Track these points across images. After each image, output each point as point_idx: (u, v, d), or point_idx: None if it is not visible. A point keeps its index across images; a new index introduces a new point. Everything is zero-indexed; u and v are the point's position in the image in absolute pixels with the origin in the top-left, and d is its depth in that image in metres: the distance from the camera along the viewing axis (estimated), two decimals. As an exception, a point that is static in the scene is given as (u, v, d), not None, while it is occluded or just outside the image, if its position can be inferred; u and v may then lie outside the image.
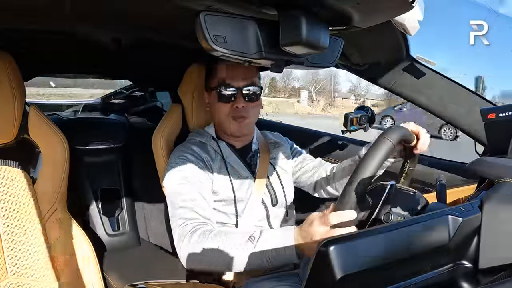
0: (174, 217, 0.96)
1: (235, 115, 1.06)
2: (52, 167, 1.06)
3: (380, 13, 0.75)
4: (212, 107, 1.11)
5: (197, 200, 0.97)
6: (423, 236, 0.56)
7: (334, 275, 0.47)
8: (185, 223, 0.93)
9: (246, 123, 1.09)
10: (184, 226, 0.92)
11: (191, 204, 0.96)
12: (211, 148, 1.09)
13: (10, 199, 1.00)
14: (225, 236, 0.85)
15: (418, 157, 0.97)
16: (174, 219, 0.96)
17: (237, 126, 1.08)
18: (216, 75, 1.08)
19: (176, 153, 1.07)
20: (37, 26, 1.03)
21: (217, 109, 1.08)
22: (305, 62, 0.81)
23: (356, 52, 1.19)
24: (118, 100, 2.49)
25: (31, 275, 0.99)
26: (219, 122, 1.10)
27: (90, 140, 1.61)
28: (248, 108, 1.07)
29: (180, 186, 0.99)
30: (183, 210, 0.95)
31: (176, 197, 0.98)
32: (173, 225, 0.96)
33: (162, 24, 1.06)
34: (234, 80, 1.05)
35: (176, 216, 0.96)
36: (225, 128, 1.10)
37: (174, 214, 0.97)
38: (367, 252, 0.51)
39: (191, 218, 0.94)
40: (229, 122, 1.08)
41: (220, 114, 1.08)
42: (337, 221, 0.73)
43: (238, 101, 1.05)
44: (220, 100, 1.06)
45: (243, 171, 1.10)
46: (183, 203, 0.96)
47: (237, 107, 1.05)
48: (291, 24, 0.67)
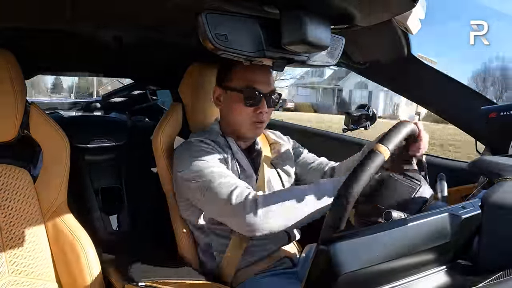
0: (219, 190, 0.91)
1: (256, 120, 1.05)
2: (53, 165, 1.06)
3: (381, 11, 0.75)
4: (228, 106, 1.08)
5: (233, 175, 0.96)
6: (423, 234, 0.56)
7: (334, 273, 0.47)
8: (237, 189, 0.90)
9: (262, 128, 1.09)
10: (237, 194, 0.89)
11: (230, 177, 0.94)
12: (221, 145, 1.08)
13: (10, 197, 1.00)
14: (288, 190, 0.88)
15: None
16: (219, 193, 0.91)
17: (255, 130, 1.07)
18: (243, 76, 1.04)
19: (189, 144, 1.05)
20: (38, 25, 1.04)
21: (236, 111, 1.05)
22: (307, 60, 0.81)
23: (357, 51, 1.19)
24: (119, 99, 2.50)
25: (31, 274, 0.99)
26: (235, 123, 1.08)
27: (91, 138, 1.61)
28: (268, 113, 1.08)
29: (211, 172, 0.95)
30: (225, 183, 0.92)
31: (212, 181, 0.93)
32: (220, 199, 0.91)
33: (164, 23, 1.06)
34: (262, 85, 1.04)
35: (221, 189, 0.91)
36: (240, 130, 1.08)
37: (219, 190, 0.91)
38: (367, 250, 0.51)
39: (236, 183, 0.91)
40: (247, 126, 1.06)
41: (240, 116, 1.05)
42: None
43: (263, 106, 1.04)
44: (246, 103, 1.03)
45: (249, 169, 1.10)
46: (223, 178, 0.93)
47: (261, 112, 1.04)
48: (293, 22, 0.67)
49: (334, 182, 0.90)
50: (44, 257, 1.02)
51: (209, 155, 1.00)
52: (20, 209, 1.00)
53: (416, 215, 0.60)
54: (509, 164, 0.73)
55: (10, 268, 0.97)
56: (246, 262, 1.07)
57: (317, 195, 0.87)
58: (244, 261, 1.07)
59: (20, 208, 1.00)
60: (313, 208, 0.87)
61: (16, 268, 0.97)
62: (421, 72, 1.20)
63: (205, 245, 1.11)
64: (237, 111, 1.05)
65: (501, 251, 0.59)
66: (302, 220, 0.87)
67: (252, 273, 1.06)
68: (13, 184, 1.01)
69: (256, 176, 1.12)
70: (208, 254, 1.11)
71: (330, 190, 0.88)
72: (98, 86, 16.97)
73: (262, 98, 1.04)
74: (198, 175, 0.97)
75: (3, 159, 1.02)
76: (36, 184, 1.04)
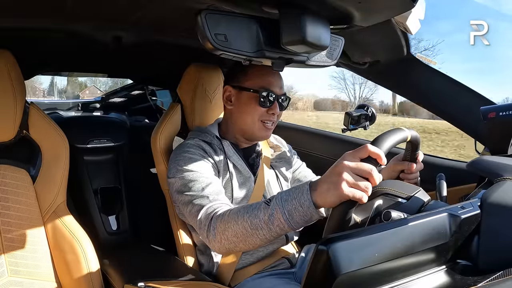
0: (191, 204, 0.95)
1: (267, 120, 1.07)
2: (52, 166, 1.06)
3: (381, 12, 0.75)
4: (240, 106, 1.08)
5: (211, 188, 0.96)
6: (422, 234, 0.56)
7: (333, 273, 0.47)
8: (207, 207, 0.91)
9: (271, 130, 1.11)
10: (207, 210, 0.91)
11: (207, 191, 0.95)
12: (215, 147, 1.09)
13: (9, 197, 1.00)
14: (243, 208, 0.81)
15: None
16: (191, 206, 0.95)
17: (265, 132, 1.08)
18: (259, 78, 1.06)
19: (181, 149, 1.06)
20: (38, 25, 1.04)
21: (249, 111, 1.06)
22: (306, 61, 0.81)
23: (357, 51, 1.19)
24: (119, 99, 2.49)
25: (30, 274, 0.99)
26: (245, 123, 1.08)
27: (90, 138, 1.60)
28: (279, 116, 1.10)
29: (191, 177, 0.98)
30: (199, 197, 0.94)
31: (190, 188, 0.97)
32: (192, 212, 0.94)
33: (163, 23, 1.06)
34: (275, 88, 1.06)
35: (194, 203, 0.94)
36: (250, 131, 1.09)
37: (191, 202, 0.95)
38: (366, 250, 0.51)
39: (210, 202, 0.92)
40: (258, 126, 1.07)
41: (252, 117, 1.06)
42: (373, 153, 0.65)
43: (275, 108, 1.06)
44: (261, 103, 1.05)
45: (245, 171, 1.10)
46: (199, 191, 0.95)
47: (274, 113, 1.07)
48: (292, 22, 0.67)
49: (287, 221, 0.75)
50: (43, 258, 1.02)
51: (196, 164, 1.01)
52: (19, 209, 1.00)
53: (415, 215, 0.60)
54: (508, 164, 0.73)
55: (10, 269, 0.97)
56: (244, 263, 1.07)
57: (271, 231, 0.76)
58: (242, 262, 1.07)
59: (20, 208, 1.00)
60: (264, 242, 0.80)
61: (15, 269, 0.97)
62: (420, 72, 1.20)
63: (203, 245, 1.11)
64: (250, 112, 1.07)
65: (500, 251, 0.59)
66: (254, 247, 0.84)
67: (250, 274, 1.06)
68: (12, 185, 1.01)
69: (255, 177, 1.12)
70: (206, 254, 1.11)
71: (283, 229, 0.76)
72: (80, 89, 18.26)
73: (275, 100, 1.06)
74: (181, 185, 0.99)
75: (2, 159, 1.02)
76: (36, 185, 1.04)
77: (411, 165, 0.91)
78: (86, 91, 14.42)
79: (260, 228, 0.76)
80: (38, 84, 17.98)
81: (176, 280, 1.01)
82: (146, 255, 1.30)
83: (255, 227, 0.76)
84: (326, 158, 1.52)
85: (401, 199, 0.75)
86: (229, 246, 0.83)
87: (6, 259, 0.97)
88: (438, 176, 0.83)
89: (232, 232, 0.80)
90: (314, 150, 1.60)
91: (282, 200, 0.73)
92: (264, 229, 0.76)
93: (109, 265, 1.12)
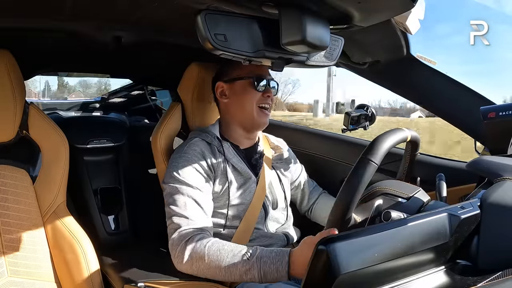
0: (171, 219, 0.97)
1: (264, 104, 1.10)
2: (52, 166, 1.06)
3: (381, 12, 0.75)
4: (236, 96, 1.11)
5: (195, 207, 0.98)
6: (422, 234, 0.56)
7: (333, 273, 0.47)
8: (182, 229, 0.94)
9: (268, 116, 1.14)
10: (181, 232, 0.94)
11: (189, 211, 0.97)
12: (214, 149, 1.08)
13: (9, 198, 1.00)
14: (222, 248, 0.88)
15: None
16: (170, 221, 0.97)
17: (264, 116, 1.11)
18: (247, 67, 1.08)
19: (179, 153, 1.06)
20: (38, 25, 1.03)
21: (246, 97, 1.09)
22: (306, 61, 0.81)
23: (356, 51, 1.19)
24: (118, 99, 2.49)
25: (30, 274, 0.99)
26: (243, 110, 1.10)
27: (90, 138, 1.60)
28: (273, 100, 1.14)
29: (180, 189, 0.99)
30: (180, 215, 0.96)
31: (175, 201, 0.99)
32: (169, 227, 0.97)
33: (163, 23, 1.06)
34: (265, 72, 1.11)
35: (173, 220, 0.97)
36: (249, 118, 1.10)
37: (171, 217, 0.97)
38: (366, 250, 0.51)
39: (187, 224, 0.95)
40: (257, 112, 1.10)
41: (250, 101, 1.09)
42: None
43: (269, 91, 1.11)
44: (256, 87, 1.09)
45: (246, 173, 1.10)
46: (181, 208, 0.97)
47: (269, 96, 1.11)
48: (292, 22, 0.67)
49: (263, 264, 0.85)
50: (43, 258, 1.02)
51: (189, 171, 1.02)
52: (19, 209, 1.00)
53: (415, 215, 0.60)
54: (508, 164, 0.73)
55: (9, 269, 0.97)
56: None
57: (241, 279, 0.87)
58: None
59: (19, 208, 1.00)
60: (233, 277, 0.87)
61: (15, 269, 0.97)
62: (420, 72, 1.20)
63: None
64: (247, 98, 1.10)
65: (500, 251, 0.59)
66: (217, 279, 0.93)
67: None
68: (12, 185, 1.01)
69: (257, 178, 1.12)
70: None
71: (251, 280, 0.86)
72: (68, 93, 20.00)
73: (268, 82, 1.10)
74: (168, 194, 1.02)
75: (2, 159, 1.02)
76: (35, 185, 1.04)
77: None
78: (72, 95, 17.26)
79: (234, 274, 0.86)
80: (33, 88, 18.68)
81: (176, 280, 1.01)
82: (146, 255, 1.30)
83: (229, 272, 0.86)
84: (325, 158, 1.52)
85: (401, 199, 0.75)
86: (196, 272, 0.91)
87: (6, 260, 0.96)
88: (438, 176, 0.83)
89: (206, 265, 0.88)
90: (313, 150, 1.59)
91: (262, 262, 0.84)
92: (236, 276, 0.86)
93: (109, 265, 1.13)
